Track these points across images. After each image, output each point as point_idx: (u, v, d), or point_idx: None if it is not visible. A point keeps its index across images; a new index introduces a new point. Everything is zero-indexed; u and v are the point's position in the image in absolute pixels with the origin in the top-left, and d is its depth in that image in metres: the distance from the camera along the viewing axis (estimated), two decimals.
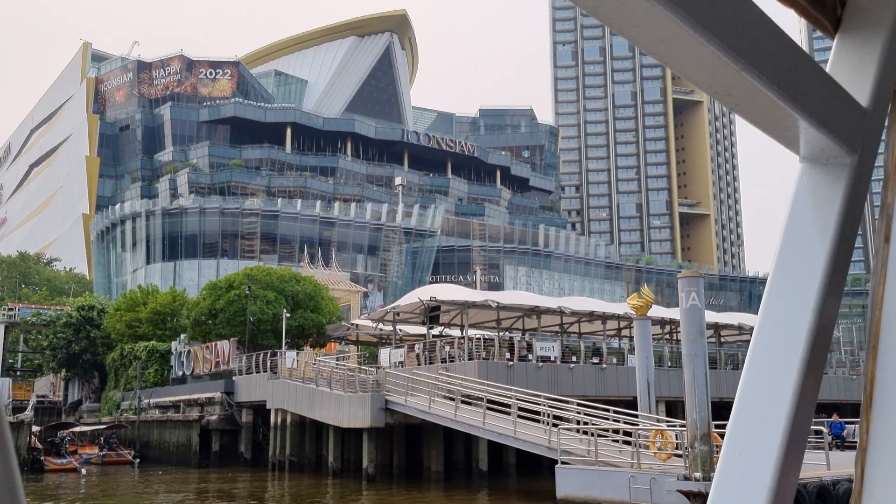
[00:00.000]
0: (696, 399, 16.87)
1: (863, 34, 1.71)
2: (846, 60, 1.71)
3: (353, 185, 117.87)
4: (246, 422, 39.63)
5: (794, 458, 1.44)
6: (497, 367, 30.37)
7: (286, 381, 35.11)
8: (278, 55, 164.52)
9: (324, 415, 31.81)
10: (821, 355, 1.52)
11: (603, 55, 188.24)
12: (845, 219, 1.59)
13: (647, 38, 1.28)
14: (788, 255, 1.59)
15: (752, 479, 1.41)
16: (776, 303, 1.55)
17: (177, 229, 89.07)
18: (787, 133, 1.59)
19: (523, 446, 23.28)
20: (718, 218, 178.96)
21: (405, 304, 36.43)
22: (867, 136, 1.65)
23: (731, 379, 37.56)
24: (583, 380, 32.40)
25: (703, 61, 1.33)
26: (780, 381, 1.47)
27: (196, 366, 44.88)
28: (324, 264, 68.66)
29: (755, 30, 1.38)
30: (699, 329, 17.23)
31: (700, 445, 16.72)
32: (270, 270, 46.88)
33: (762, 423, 1.45)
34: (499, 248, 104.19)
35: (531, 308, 37.18)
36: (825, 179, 1.63)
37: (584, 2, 1.21)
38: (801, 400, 1.45)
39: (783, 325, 1.52)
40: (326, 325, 45.44)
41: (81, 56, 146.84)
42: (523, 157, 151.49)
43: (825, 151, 1.62)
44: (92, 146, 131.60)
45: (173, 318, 51.67)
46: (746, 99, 1.45)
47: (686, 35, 1.26)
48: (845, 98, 1.62)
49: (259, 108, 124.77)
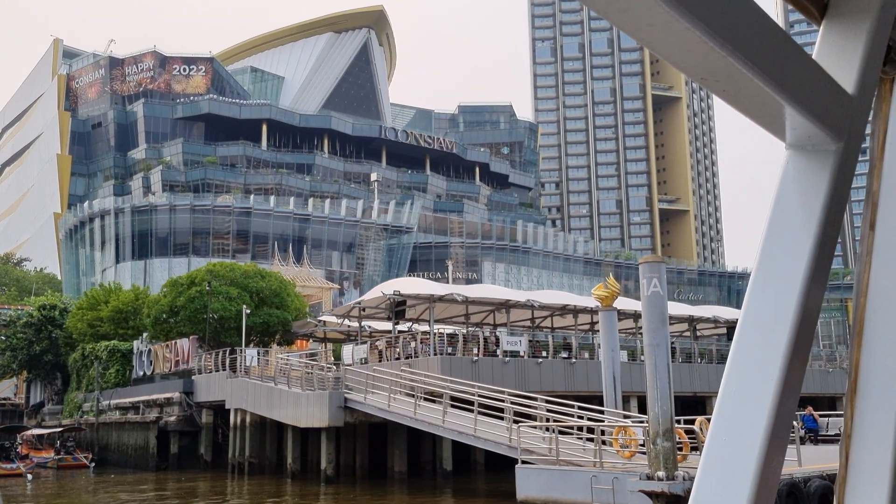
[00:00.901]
0: (658, 392, 15.78)
1: (849, 21, 1.70)
2: (832, 47, 1.70)
3: (330, 183, 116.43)
4: (206, 422, 38.19)
5: (779, 445, 1.45)
6: (461, 363, 29.24)
7: (245, 380, 33.76)
8: (254, 52, 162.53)
9: (282, 414, 30.52)
10: (806, 342, 1.53)
11: (582, 51, 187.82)
12: (831, 205, 1.59)
13: (633, 23, 1.28)
14: (774, 242, 1.59)
15: (736, 465, 1.42)
16: (762, 288, 1.56)
17: (147, 227, 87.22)
18: (772, 120, 1.59)
19: (484, 445, 22.14)
20: (698, 214, 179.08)
21: (369, 298, 35.22)
22: (853, 123, 1.65)
23: (705, 373, 36.66)
24: (551, 375, 31.33)
25: (690, 47, 1.34)
26: (765, 366, 1.47)
27: (157, 365, 43.34)
28: (295, 261, 67.20)
29: (741, 15, 1.38)
30: (661, 318, 16.13)
31: (662, 442, 15.63)
32: (234, 266, 45.44)
33: (747, 408, 1.45)
34: (477, 244, 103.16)
35: (500, 302, 36.09)
36: (811, 166, 1.63)
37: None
38: (786, 386, 1.46)
39: (769, 311, 1.53)
40: (293, 322, 44.09)
41: (52, 53, 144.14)
42: (503, 153, 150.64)
43: (811, 138, 1.62)
44: (63, 144, 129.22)
45: (136, 316, 50.07)
46: (732, 85, 1.46)
47: (672, 20, 1.26)
48: (831, 84, 1.62)
49: (234, 104, 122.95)
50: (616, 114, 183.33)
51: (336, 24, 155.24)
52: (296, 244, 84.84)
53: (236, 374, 34.80)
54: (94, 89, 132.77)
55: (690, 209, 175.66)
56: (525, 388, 30.25)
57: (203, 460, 37.92)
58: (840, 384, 40.74)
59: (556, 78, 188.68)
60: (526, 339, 31.74)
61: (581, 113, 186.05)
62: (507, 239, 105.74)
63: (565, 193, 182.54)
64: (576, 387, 31.48)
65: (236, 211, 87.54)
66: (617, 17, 1.27)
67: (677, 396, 38.07)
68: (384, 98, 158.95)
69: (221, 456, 37.25)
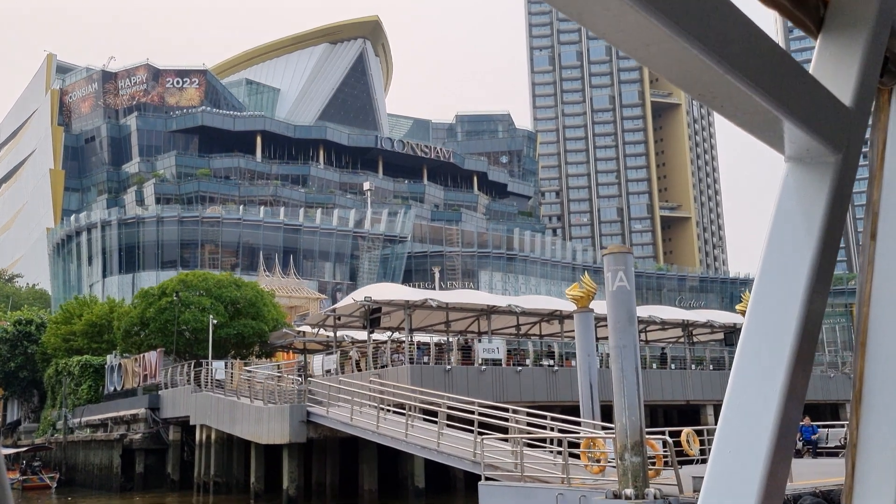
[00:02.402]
0: (626, 401, 13.91)
1: (845, 34, 1.72)
2: (829, 60, 1.72)
3: (326, 193, 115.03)
4: (174, 439, 36.24)
5: (784, 455, 1.46)
6: (433, 372, 27.34)
7: (209, 395, 31.87)
8: (250, 64, 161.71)
9: (244, 430, 28.63)
10: (809, 351, 1.54)
11: (580, 59, 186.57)
12: (831, 217, 1.61)
13: (630, 43, 1.31)
14: (775, 253, 1.61)
15: (742, 476, 1.43)
16: (764, 300, 1.58)
17: (134, 240, 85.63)
18: (771, 134, 1.61)
19: (447, 461, 20.23)
20: (700, 220, 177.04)
21: (342, 306, 33.39)
22: (851, 135, 1.67)
23: (699, 380, 34.66)
24: (532, 384, 29.40)
25: (687, 65, 1.35)
26: (769, 376, 1.49)
27: (126, 380, 41.52)
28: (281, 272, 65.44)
29: (737, 33, 1.40)
30: (628, 315, 14.26)
31: (631, 457, 13.73)
32: (207, 275, 43.66)
33: (752, 419, 1.47)
34: (473, 252, 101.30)
35: (482, 308, 34.22)
36: (810, 178, 1.65)
37: (569, 9, 1.23)
38: (790, 395, 1.47)
39: (771, 322, 1.55)
40: (270, 333, 42.23)
41: (46, 68, 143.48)
42: (501, 162, 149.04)
43: (810, 151, 1.64)
44: (56, 159, 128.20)
45: (110, 329, 48.26)
46: (730, 101, 1.48)
47: (669, 40, 1.28)
48: (829, 98, 1.64)
49: (228, 116, 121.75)
50: (615, 121, 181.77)
51: (331, 34, 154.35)
52: (287, 255, 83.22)
53: (202, 388, 32.92)
54: (87, 103, 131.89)
55: (692, 216, 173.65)
56: (503, 399, 28.34)
57: (170, 480, 35.96)
58: (843, 390, 38.71)
59: (555, 86, 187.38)
60: (504, 346, 29.81)
61: (580, 121, 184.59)
62: (505, 247, 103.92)
63: (566, 202, 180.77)
64: (558, 396, 29.54)
65: (225, 222, 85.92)
66: (615, 38, 1.29)
67: (670, 405, 36.27)
68: (381, 108, 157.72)
69: (190, 475, 35.32)
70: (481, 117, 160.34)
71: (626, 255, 14.69)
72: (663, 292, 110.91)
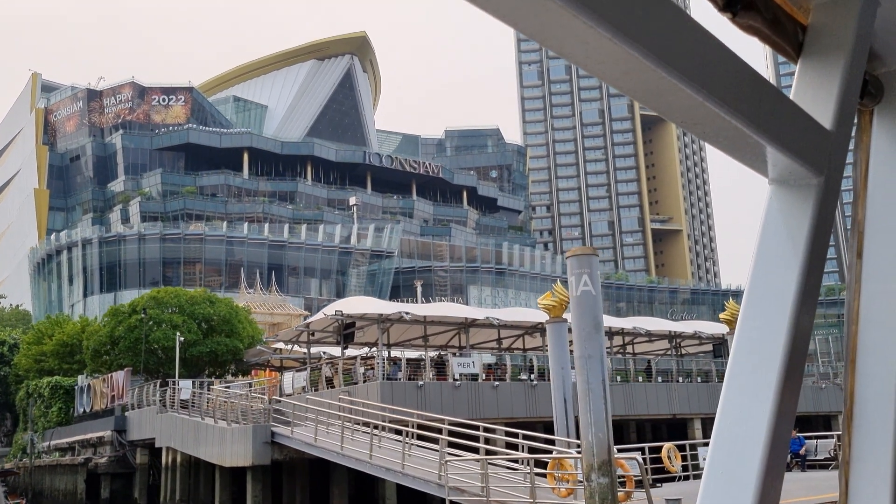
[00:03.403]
0: (592, 416, 12.68)
1: (824, 58, 1.75)
2: (809, 84, 1.75)
3: (313, 210, 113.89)
4: (141, 463, 34.70)
5: (776, 473, 1.48)
6: (405, 389, 26.05)
7: (174, 415, 30.46)
8: (237, 81, 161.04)
9: (208, 452, 27.23)
10: (797, 370, 1.57)
11: (569, 73, 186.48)
12: (815, 237, 1.64)
13: (611, 73, 1.33)
14: (762, 274, 1.64)
15: (735, 497, 1.45)
16: (752, 320, 1.60)
17: (115, 258, 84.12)
18: (754, 158, 1.64)
19: (412, 483, 18.92)
20: (691, 233, 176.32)
21: (315, 321, 32.10)
22: (833, 158, 1.70)
23: (685, 393, 33.43)
24: (510, 399, 28.12)
25: (668, 94, 1.38)
26: (758, 396, 1.51)
27: (95, 401, 40.03)
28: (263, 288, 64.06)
29: (717, 62, 1.43)
30: (594, 322, 13.07)
31: (598, 478, 12.50)
32: (179, 292, 42.31)
33: (743, 438, 1.49)
34: (461, 267, 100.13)
35: (460, 322, 32.98)
36: (794, 200, 1.68)
37: (550, 43, 1.24)
38: (780, 413, 1.50)
39: (759, 343, 1.57)
40: (245, 351, 40.86)
41: (31, 87, 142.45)
42: (491, 177, 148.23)
43: (793, 174, 1.67)
44: (41, 178, 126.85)
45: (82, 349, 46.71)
46: (712, 128, 1.50)
47: (648, 70, 1.30)
48: (809, 122, 1.67)
49: (214, 133, 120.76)
50: (605, 135, 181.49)
51: (318, 51, 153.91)
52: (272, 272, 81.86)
53: (167, 408, 31.51)
54: (72, 122, 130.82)
55: (683, 228, 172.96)
56: (480, 415, 27.07)
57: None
58: (835, 402, 37.51)
59: (544, 100, 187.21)
60: (480, 361, 28.54)
61: (570, 135, 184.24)
62: (494, 262, 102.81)
63: (556, 216, 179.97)
64: (539, 412, 28.24)
65: (209, 239, 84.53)
66: (596, 69, 1.30)
67: (658, 419, 35.03)
68: (369, 124, 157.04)
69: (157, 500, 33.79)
70: (470, 132, 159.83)
71: (591, 257, 13.51)
72: (654, 305, 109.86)
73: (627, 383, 32.45)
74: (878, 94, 1.91)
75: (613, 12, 1.20)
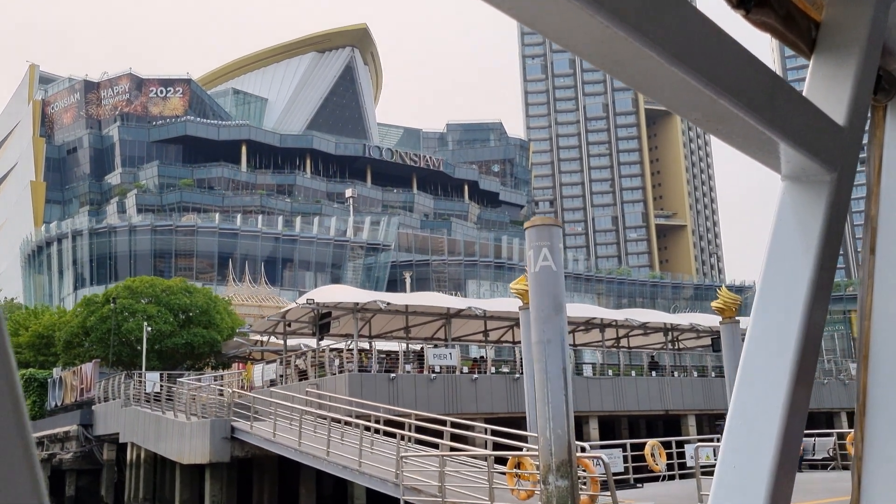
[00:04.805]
0: (550, 409, 11.02)
1: (837, 54, 1.75)
2: (822, 81, 1.76)
3: (312, 203, 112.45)
4: (108, 459, 33.13)
5: (789, 468, 1.50)
6: (375, 381, 24.43)
7: (136, 409, 28.89)
8: (237, 74, 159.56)
9: (168, 448, 25.65)
10: (810, 366, 1.58)
11: (573, 67, 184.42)
12: (828, 233, 1.65)
13: (626, 72, 1.34)
14: (775, 270, 1.65)
15: (748, 491, 1.47)
16: (765, 315, 1.62)
17: (107, 250, 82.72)
18: (767, 155, 1.66)
19: (368, 482, 17.30)
20: (696, 229, 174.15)
21: (290, 311, 30.51)
22: (846, 154, 1.71)
23: (679, 388, 31.68)
24: (490, 394, 26.45)
25: (682, 91, 1.39)
26: (771, 392, 1.52)
27: (66, 395, 38.53)
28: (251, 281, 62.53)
29: (730, 58, 1.44)
30: (554, 302, 11.39)
31: (556, 480, 10.83)
32: (154, 282, 40.75)
33: (756, 434, 1.50)
34: (460, 261, 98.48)
35: (442, 312, 31.33)
36: (807, 197, 1.69)
37: (562, 41, 1.24)
38: (793, 409, 1.51)
39: (772, 338, 1.59)
40: (223, 343, 39.29)
41: (29, 79, 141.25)
42: (493, 171, 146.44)
43: (805, 170, 1.68)
44: (38, 170, 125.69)
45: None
46: (725, 125, 1.51)
47: (663, 67, 1.31)
48: (822, 118, 1.68)
49: (212, 125, 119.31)
50: (609, 129, 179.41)
51: (319, 43, 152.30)
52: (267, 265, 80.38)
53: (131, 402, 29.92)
54: (69, 114, 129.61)
55: (687, 224, 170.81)
56: (457, 410, 25.46)
57: (104, 503, 32.85)
58: (838, 398, 35.72)
59: (548, 94, 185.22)
60: (457, 353, 26.86)
61: (574, 129, 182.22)
62: (493, 256, 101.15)
63: (560, 211, 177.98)
64: (521, 407, 26.48)
65: (202, 231, 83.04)
66: (611, 68, 1.31)
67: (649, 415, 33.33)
68: (370, 117, 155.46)
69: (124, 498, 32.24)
70: (473, 126, 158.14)
71: (552, 227, 11.79)
72: (657, 301, 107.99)
73: (618, 377, 30.75)
74: (891, 89, 1.90)
75: (628, 10, 1.20)
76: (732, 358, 19.67)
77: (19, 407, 0.70)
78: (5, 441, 0.67)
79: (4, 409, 0.68)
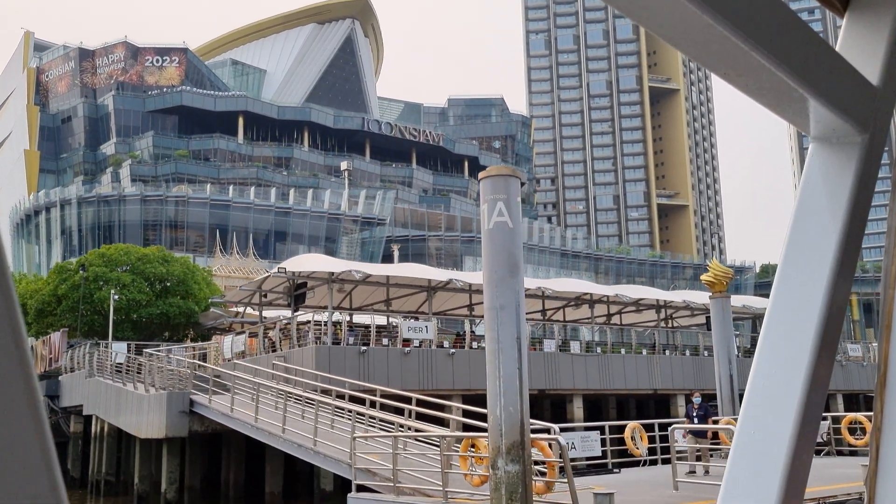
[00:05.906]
0: (502, 385, 9.61)
1: (872, 12, 1.72)
2: (856, 39, 1.72)
3: (310, 177, 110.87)
4: (75, 431, 31.95)
5: (809, 439, 1.49)
6: (344, 354, 23.06)
7: (99, 381, 27.60)
8: (235, 45, 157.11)
9: (127, 422, 24.37)
10: (834, 336, 1.54)
11: (577, 43, 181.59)
12: (857, 198, 1.62)
13: (655, 21, 1.31)
14: (800, 235, 1.62)
15: (766, 459, 1.45)
16: (789, 282, 1.59)
17: (96, 219, 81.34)
18: (796, 113, 1.62)
19: (322, 462, 15.97)
20: (698, 209, 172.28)
21: (265, 280, 29.11)
22: (878, 115, 1.67)
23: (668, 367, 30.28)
24: (468, 369, 25.09)
25: (712, 43, 1.36)
26: (793, 361, 1.49)
27: (36, 364, 37.30)
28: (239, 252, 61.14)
29: (764, 11, 1.41)
30: (510, 264, 9.93)
31: (506, 465, 9.42)
32: (130, 249, 39.35)
33: (776, 403, 1.48)
34: (457, 237, 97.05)
35: (423, 284, 29.91)
36: (836, 158, 1.66)
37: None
38: (815, 380, 1.48)
39: (796, 304, 1.55)
40: (200, 314, 37.96)
41: (24, 46, 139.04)
42: (494, 148, 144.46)
43: (836, 130, 1.65)
44: (32, 139, 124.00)
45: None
46: (755, 80, 1.48)
47: (695, 17, 1.28)
48: (856, 77, 1.64)
49: (209, 96, 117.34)
50: (612, 107, 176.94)
51: (319, 14, 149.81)
52: (257, 237, 79.03)
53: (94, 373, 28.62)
54: (64, 82, 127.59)
55: (690, 204, 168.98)
56: (433, 386, 24.14)
57: (70, 477, 31.69)
58: (833, 380, 34.39)
59: (551, 71, 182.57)
60: (434, 326, 25.45)
61: (576, 107, 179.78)
62: None
63: (561, 189, 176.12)
64: None
65: (192, 202, 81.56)
66: (639, 15, 1.29)
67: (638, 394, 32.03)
68: (370, 91, 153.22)
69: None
70: (474, 101, 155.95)
71: (509, 178, 10.24)
72: (656, 280, 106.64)
73: (606, 354, 29.37)
74: None
75: None
76: (722, 334, 18.19)
77: (32, 387, 0.69)
78: (18, 423, 0.66)
79: (17, 387, 0.67)
